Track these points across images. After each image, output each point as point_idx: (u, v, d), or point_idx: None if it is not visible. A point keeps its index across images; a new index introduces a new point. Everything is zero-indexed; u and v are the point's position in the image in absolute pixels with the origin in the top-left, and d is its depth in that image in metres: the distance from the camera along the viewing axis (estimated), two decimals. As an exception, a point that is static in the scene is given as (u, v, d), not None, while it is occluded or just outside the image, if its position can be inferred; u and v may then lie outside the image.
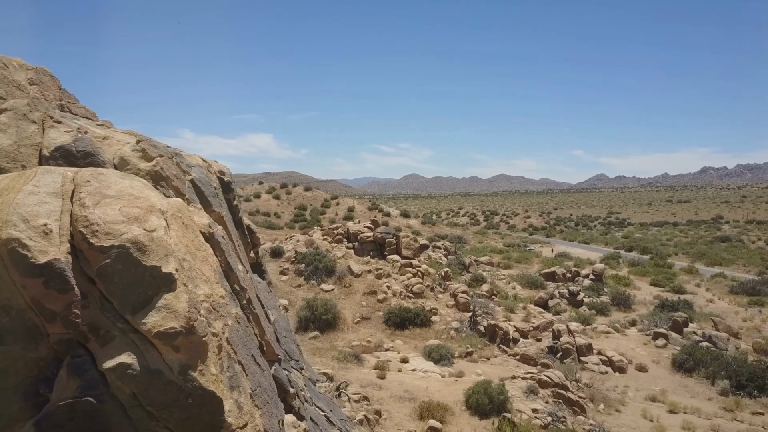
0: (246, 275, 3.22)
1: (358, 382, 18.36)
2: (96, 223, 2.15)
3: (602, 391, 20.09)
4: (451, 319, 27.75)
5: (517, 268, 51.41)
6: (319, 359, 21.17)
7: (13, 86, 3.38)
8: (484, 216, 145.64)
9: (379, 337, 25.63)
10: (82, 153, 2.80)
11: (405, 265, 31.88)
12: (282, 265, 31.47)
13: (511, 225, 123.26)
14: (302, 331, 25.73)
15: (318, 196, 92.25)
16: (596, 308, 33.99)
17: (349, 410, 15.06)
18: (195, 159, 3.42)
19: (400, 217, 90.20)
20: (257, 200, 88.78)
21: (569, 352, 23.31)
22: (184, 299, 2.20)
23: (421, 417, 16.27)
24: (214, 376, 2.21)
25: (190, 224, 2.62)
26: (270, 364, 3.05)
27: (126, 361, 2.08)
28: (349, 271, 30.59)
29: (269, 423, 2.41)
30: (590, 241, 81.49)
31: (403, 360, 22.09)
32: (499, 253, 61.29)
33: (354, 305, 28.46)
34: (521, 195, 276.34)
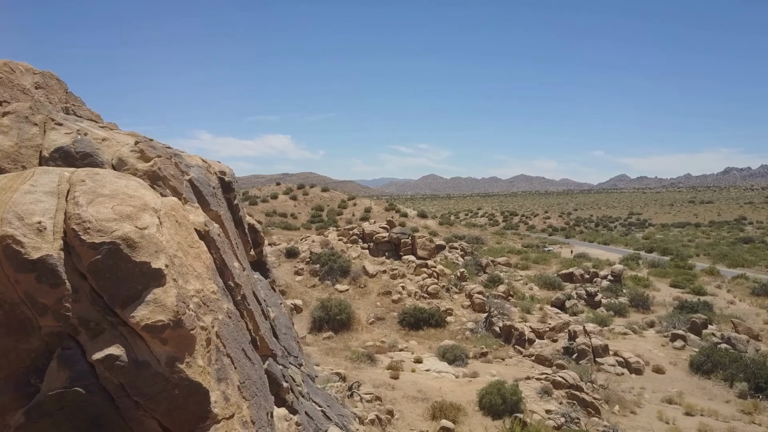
0: (242, 272, 3.30)
1: (371, 382, 18.39)
2: (88, 220, 2.24)
3: (618, 393, 19.88)
4: (467, 320, 27.69)
5: (535, 269, 51.12)
6: (333, 359, 21.27)
7: (18, 90, 3.50)
8: (503, 217, 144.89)
9: (394, 337, 25.65)
10: (81, 154, 2.90)
11: (420, 265, 31.88)
12: (297, 265, 31.65)
13: (530, 226, 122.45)
14: (316, 331, 25.88)
15: (335, 197, 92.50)
16: (614, 309, 33.67)
17: (360, 410, 15.13)
18: (195, 160, 3.51)
19: (418, 218, 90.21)
20: (274, 201, 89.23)
21: (585, 353, 23.13)
22: (173, 294, 2.28)
23: (433, 417, 16.25)
24: (201, 368, 2.29)
25: (183, 222, 2.70)
26: (264, 359, 3.13)
27: (114, 353, 2.16)
28: (364, 272, 30.68)
29: (257, 414, 2.49)
30: (610, 242, 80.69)
31: (417, 360, 22.09)
32: (517, 254, 60.97)
33: (368, 305, 28.52)
34: (541, 195, 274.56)
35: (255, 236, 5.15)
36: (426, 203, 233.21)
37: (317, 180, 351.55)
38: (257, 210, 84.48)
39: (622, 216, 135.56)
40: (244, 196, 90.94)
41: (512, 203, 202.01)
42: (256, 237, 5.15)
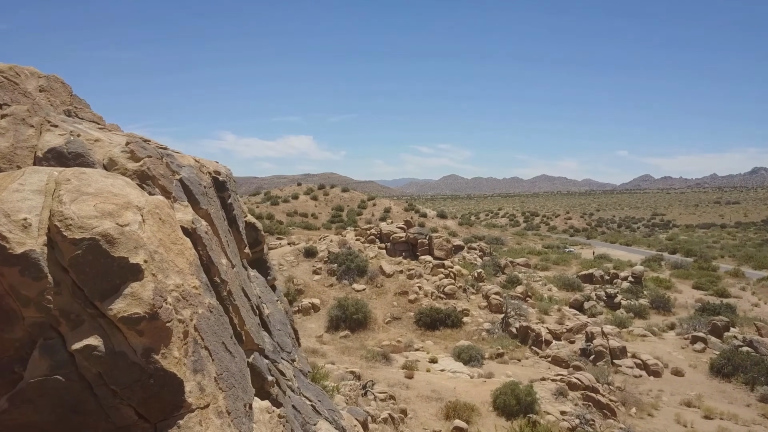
0: (230, 269, 3.40)
1: (385, 382, 18.47)
2: (70, 217, 2.36)
3: (635, 395, 19.71)
4: (483, 321, 27.64)
5: (554, 269, 50.77)
6: (348, 358, 21.41)
7: (19, 93, 3.65)
8: (523, 217, 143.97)
9: (410, 337, 25.71)
10: (73, 154, 3.03)
11: (437, 265, 31.88)
12: (315, 264, 31.87)
13: (551, 226, 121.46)
14: (333, 330, 26.05)
15: (355, 197, 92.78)
16: (634, 311, 33.33)
17: (373, 408, 15.22)
18: (187, 160, 3.63)
19: (437, 218, 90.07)
20: (295, 201, 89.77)
21: (602, 355, 22.95)
22: (150, 288, 2.39)
23: (447, 417, 16.27)
24: (176, 360, 2.40)
25: (167, 220, 2.82)
26: (249, 353, 3.23)
27: (93, 343, 2.28)
28: (381, 271, 30.77)
29: (233, 405, 2.59)
30: (632, 243, 79.74)
31: (432, 360, 22.12)
32: (537, 255, 60.60)
33: (385, 305, 28.61)
34: (563, 196, 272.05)
35: (255, 235, 5.26)
36: (446, 203, 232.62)
37: (338, 180, 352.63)
38: (279, 210, 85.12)
39: (645, 217, 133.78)
40: (266, 197, 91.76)
41: (533, 204, 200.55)
42: (256, 236, 5.25)
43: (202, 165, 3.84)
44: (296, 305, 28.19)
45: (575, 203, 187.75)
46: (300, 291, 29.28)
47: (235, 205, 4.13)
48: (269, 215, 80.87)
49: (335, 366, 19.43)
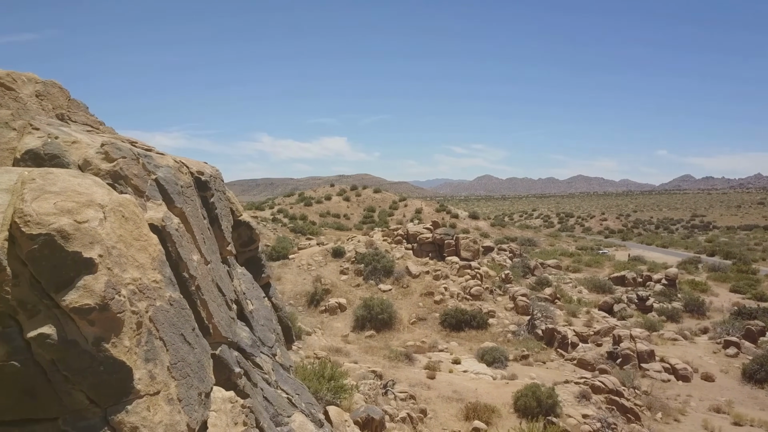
0: (203, 265, 3.55)
1: (407, 381, 18.53)
2: (29, 214, 2.53)
3: (661, 400, 19.35)
4: (509, 322, 27.46)
5: (586, 271, 50.07)
6: (371, 357, 21.54)
7: (10, 99, 3.87)
8: (558, 218, 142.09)
9: (434, 337, 25.73)
10: (49, 155, 3.22)
11: (464, 266, 31.78)
12: (342, 264, 32.13)
13: (586, 228, 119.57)
14: (359, 330, 26.24)
15: (386, 198, 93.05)
16: (666, 314, 32.65)
17: (392, 408, 15.31)
18: (166, 160, 3.79)
19: (469, 219, 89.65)
20: (328, 202, 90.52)
21: (629, 359, 22.58)
22: (103, 281, 2.55)
23: (466, 418, 16.26)
24: (126, 349, 2.55)
25: (131, 217, 2.97)
26: (216, 345, 3.38)
27: (47, 331, 2.44)
28: (407, 272, 30.84)
29: (186, 393, 2.72)
30: (669, 245, 77.95)
31: (455, 361, 22.10)
32: (569, 257, 59.83)
33: (411, 306, 28.68)
34: (599, 197, 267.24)
35: (250, 234, 5.42)
36: (480, 204, 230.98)
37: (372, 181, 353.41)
38: (312, 211, 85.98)
39: (684, 218, 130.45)
40: (300, 197, 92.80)
41: (569, 204, 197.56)
42: (251, 235, 5.41)
43: (183, 165, 4.00)
44: (323, 305, 28.50)
45: (612, 204, 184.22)
46: (327, 291, 29.56)
47: (218, 205, 4.28)
48: (302, 216, 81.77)
49: (358, 365, 19.58)
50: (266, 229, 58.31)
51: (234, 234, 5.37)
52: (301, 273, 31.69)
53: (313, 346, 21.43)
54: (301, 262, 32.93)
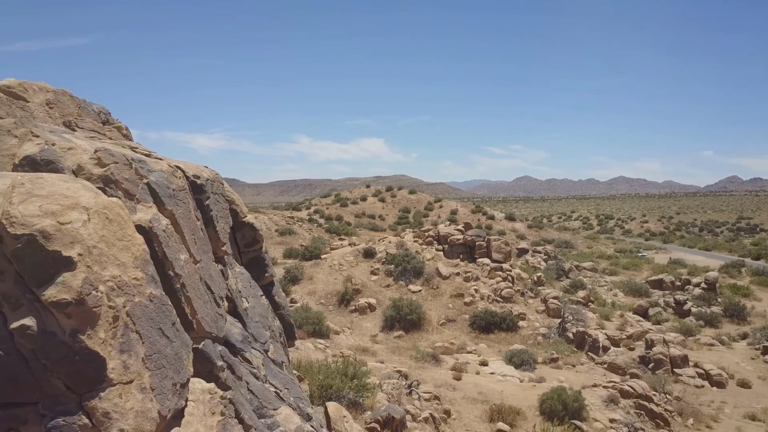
0: (190, 264, 3.75)
1: (432, 382, 18.61)
2: (15, 216, 2.76)
3: (694, 405, 18.96)
4: (539, 325, 27.23)
5: (624, 274, 49.16)
6: (398, 357, 21.67)
7: (17, 108, 4.16)
8: (597, 220, 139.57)
9: (463, 339, 25.70)
10: (45, 161, 3.47)
11: (495, 268, 31.62)
12: (373, 265, 32.34)
13: (626, 230, 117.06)
14: (388, 330, 26.40)
15: (422, 199, 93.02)
16: (704, 319, 31.83)
17: (415, 408, 15.41)
18: (160, 165, 4.01)
19: (505, 221, 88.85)
20: (363, 203, 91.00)
21: (662, 363, 22.15)
22: (81, 277, 2.76)
23: (491, 419, 16.25)
24: (101, 340, 2.75)
25: (116, 219, 3.19)
26: (199, 340, 3.58)
27: (27, 323, 2.66)
28: (437, 273, 30.86)
29: (159, 383, 2.92)
30: (713, 248, 75.70)
31: (483, 363, 22.06)
32: (606, 259, 58.81)
33: (440, 307, 28.70)
34: (641, 198, 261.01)
35: (254, 235, 5.62)
36: (518, 206, 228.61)
37: (409, 182, 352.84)
38: (347, 211, 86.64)
39: (730, 220, 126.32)
40: (336, 198, 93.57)
41: (609, 206, 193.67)
42: (254, 235, 5.62)
43: (179, 169, 4.22)
44: (353, 304, 28.76)
45: (654, 206, 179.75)
46: (357, 291, 29.82)
47: (213, 207, 4.49)
48: (338, 216, 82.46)
49: (384, 365, 19.74)
50: (302, 230, 59.06)
51: (238, 234, 5.59)
52: (332, 273, 32.04)
53: (340, 345, 21.68)
54: (333, 262, 33.29)
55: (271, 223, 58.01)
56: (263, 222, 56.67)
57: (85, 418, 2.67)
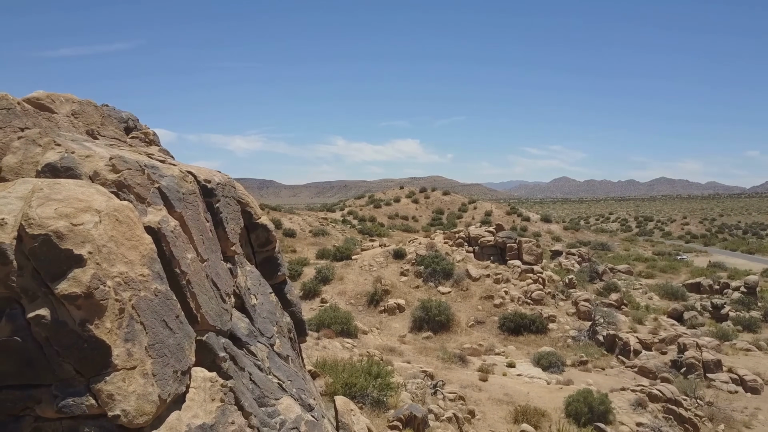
0: (197, 262, 4.05)
1: (458, 383, 18.72)
2: (33, 218, 3.09)
3: (726, 411, 18.61)
4: (570, 328, 27.04)
5: (660, 277, 48.20)
6: (425, 358, 21.85)
7: (43, 119, 4.52)
8: (636, 222, 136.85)
9: (492, 341, 25.71)
10: (64, 168, 3.80)
11: (526, 270, 31.48)
12: (403, 266, 32.55)
13: (665, 232, 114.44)
14: (416, 331, 26.59)
15: (456, 200, 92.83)
16: (742, 324, 31.07)
17: (439, 407, 15.57)
18: (172, 170, 4.33)
19: (541, 222, 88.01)
20: (397, 204, 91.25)
21: (694, 368, 21.77)
22: (90, 273, 3.07)
23: (515, 420, 16.30)
24: (108, 330, 3.05)
25: (125, 221, 3.50)
26: (203, 333, 3.87)
27: (42, 313, 2.98)
28: (467, 275, 30.89)
29: (161, 370, 3.21)
30: (756, 251, 73.44)
31: (510, 365, 22.06)
32: (643, 262, 57.74)
33: (469, 309, 28.73)
34: (683, 200, 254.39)
35: (267, 236, 5.91)
36: (555, 207, 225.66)
37: (444, 183, 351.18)
38: (381, 213, 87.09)
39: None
40: (370, 200, 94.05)
41: (649, 208, 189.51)
42: (267, 236, 5.90)
43: (190, 174, 4.53)
44: (382, 305, 29.03)
45: (696, 208, 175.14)
46: (387, 291, 30.07)
47: (223, 209, 4.79)
48: (371, 218, 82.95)
49: (410, 365, 19.93)
50: (335, 231, 59.67)
51: (252, 235, 5.90)
52: (362, 273, 32.37)
53: (368, 344, 21.96)
54: (363, 263, 33.63)
55: (305, 224, 58.79)
56: (297, 223, 57.54)
57: (92, 399, 2.99)
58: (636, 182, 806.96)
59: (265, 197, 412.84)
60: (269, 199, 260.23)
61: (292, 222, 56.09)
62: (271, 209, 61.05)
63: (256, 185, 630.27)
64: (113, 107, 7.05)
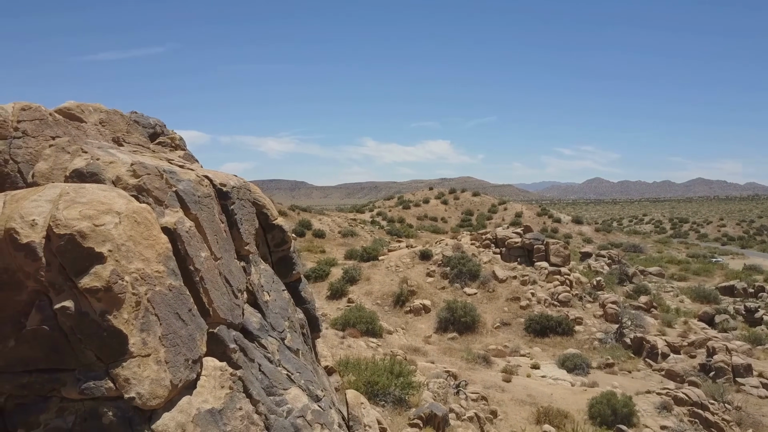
0: (210, 260, 4.36)
1: (481, 383, 18.84)
2: (60, 219, 3.43)
3: (755, 416, 18.35)
4: (596, 330, 26.85)
5: (693, 280, 47.36)
6: (449, 358, 22.00)
7: (73, 128, 4.90)
8: (671, 224, 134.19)
9: (517, 342, 25.70)
10: (90, 173, 4.16)
11: (553, 272, 31.34)
12: (429, 267, 32.72)
13: (701, 234, 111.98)
14: (442, 332, 26.73)
15: (486, 201, 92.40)
16: (777, 328, 30.43)
17: (460, 407, 15.74)
18: (188, 175, 4.65)
19: (572, 224, 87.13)
20: (426, 205, 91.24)
21: (723, 372, 21.44)
22: (109, 269, 3.39)
23: (537, 421, 16.37)
24: (125, 320, 3.38)
25: (143, 222, 3.83)
26: (215, 325, 4.18)
27: (67, 305, 3.32)
28: (494, 276, 30.90)
29: (173, 358, 3.52)
30: (797, 254, 71.50)
31: (534, 366, 22.07)
32: (676, 264, 56.72)
33: (495, 310, 28.75)
34: (720, 201, 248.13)
35: (282, 236, 6.22)
36: (588, 208, 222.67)
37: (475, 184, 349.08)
38: (410, 214, 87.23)
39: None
40: (399, 201, 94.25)
41: (685, 209, 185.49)
42: (283, 237, 6.21)
43: (206, 179, 4.86)
44: (408, 305, 29.24)
45: (734, 209, 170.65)
46: (413, 292, 30.27)
47: (237, 211, 5.11)
48: (400, 219, 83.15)
49: (434, 365, 20.11)
50: (363, 232, 60.06)
51: (269, 236, 6.22)
52: (388, 274, 32.65)
53: (392, 344, 22.22)
54: (390, 264, 33.90)
55: (335, 225, 59.34)
56: (327, 224, 58.12)
57: (110, 383, 3.32)
58: (672, 183, 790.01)
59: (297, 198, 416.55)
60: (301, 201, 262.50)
61: (321, 223, 56.68)
62: (301, 210, 61.84)
63: (288, 187, 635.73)
64: (142, 114, 7.46)
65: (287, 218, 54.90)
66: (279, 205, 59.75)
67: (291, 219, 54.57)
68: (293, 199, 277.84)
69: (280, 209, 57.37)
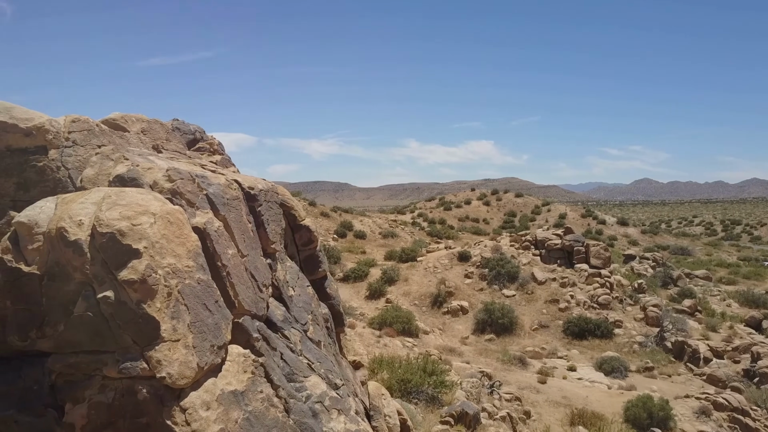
0: (236, 257, 4.78)
1: (516, 384, 18.96)
2: (102, 219, 3.90)
3: (799, 424, 17.90)
4: (636, 333, 26.51)
5: (743, 284, 45.89)
6: (484, 359, 22.15)
7: (117, 136, 5.43)
8: (722, 226, 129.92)
9: (555, 344, 25.60)
10: (130, 178, 4.64)
11: (593, 274, 31.03)
12: (467, 268, 32.83)
13: (754, 236, 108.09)
14: (479, 333, 26.83)
15: (529, 203, 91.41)
16: (831, 334, 29.30)
17: (493, 407, 15.92)
18: (218, 179, 5.10)
19: (617, 225, 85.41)
20: (467, 206, 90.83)
21: (767, 378, 20.95)
22: (145, 264, 3.84)
23: (571, 423, 16.41)
24: (157, 309, 3.81)
25: (176, 222, 4.27)
26: (240, 316, 4.61)
27: (108, 294, 3.78)
28: (533, 278, 30.80)
29: (200, 343, 3.94)
30: None
31: (570, 368, 21.99)
32: (726, 268, 55.03)
33: (534, 312, 28.68)
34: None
35: (309, 236, 6.62)
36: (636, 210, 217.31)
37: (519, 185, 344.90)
38: (451, 215, 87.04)
39: None
40: (440, 202, 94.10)
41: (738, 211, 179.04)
42: (310, 236, 6.61)
43: (235, 182, 5.30)
44: (446, 306, 29.44)
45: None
46: (450, 293, 30.45)
47: (264, 212, 5.54)
48: (441, 220, 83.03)
49: (469, 365, 20.31)
50: (404, 233, 60.38)
51: (296, 235, 6.66)
52: (427, 275, 32.90)
53: (428, 344, 22.50)
54: (428, 265, 34.14)
55: (375, 226, 59.83)
56: (368, 225, 58.66)
57: (144, 364, 3.78)
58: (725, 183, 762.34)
59: (340, 200, 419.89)
60: (344, 202, 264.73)
61: (362, 224, 57.26)
62: (343, 211, 62.56)
63: (331, 188, 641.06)
64: (183, 121, 8.01)
65: (329, 219, 55.78)
66: (322, 207, 60.71)
67: (333, 220, 55.33)
68: (336, 201, 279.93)
69: (323, 210, 58.29)
